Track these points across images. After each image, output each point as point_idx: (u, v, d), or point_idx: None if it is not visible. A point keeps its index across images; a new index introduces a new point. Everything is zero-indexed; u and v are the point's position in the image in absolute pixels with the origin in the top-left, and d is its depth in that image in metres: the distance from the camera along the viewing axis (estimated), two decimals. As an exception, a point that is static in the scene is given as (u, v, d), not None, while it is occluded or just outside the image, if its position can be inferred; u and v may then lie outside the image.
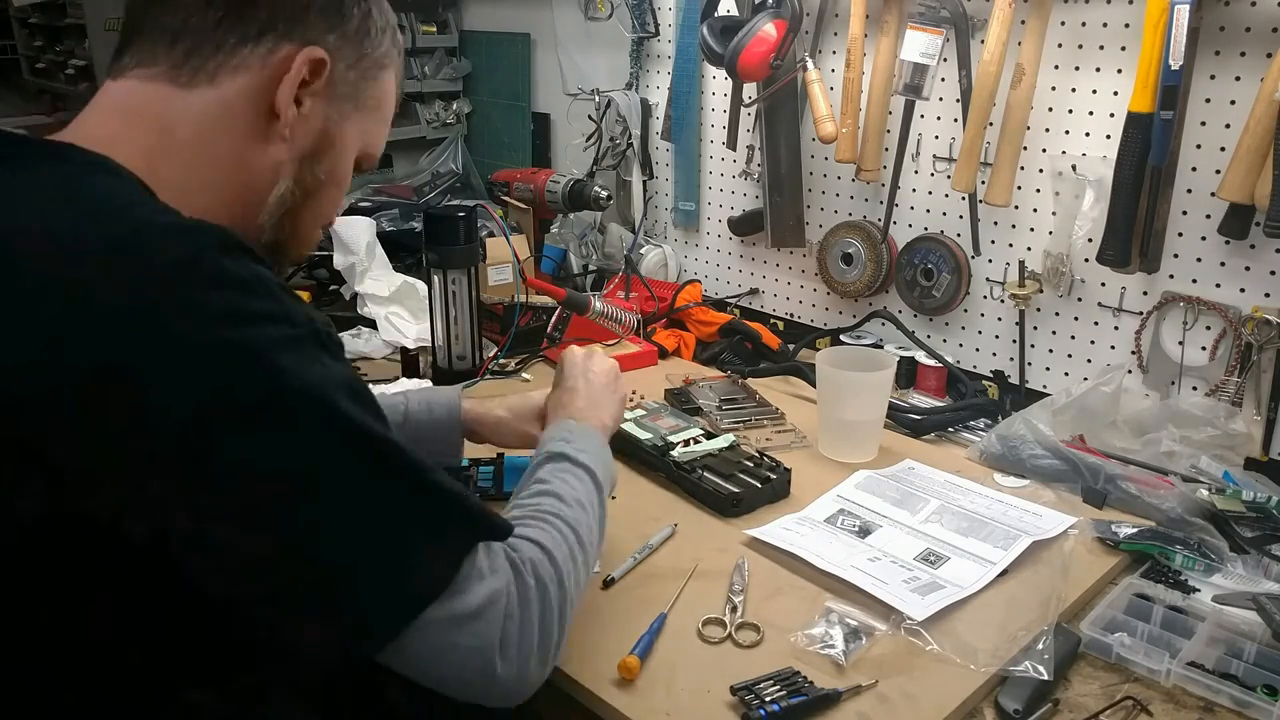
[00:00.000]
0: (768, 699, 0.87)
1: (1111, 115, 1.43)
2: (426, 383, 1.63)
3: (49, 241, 0.65)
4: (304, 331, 0.69)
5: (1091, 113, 1.46)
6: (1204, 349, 1.39)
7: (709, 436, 1.37)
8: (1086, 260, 1.46)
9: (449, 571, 0.73)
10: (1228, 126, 1.32)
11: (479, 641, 0.73)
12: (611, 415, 1.10)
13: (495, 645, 0.74)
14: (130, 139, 0.76)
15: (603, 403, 1.10)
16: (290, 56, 0.80)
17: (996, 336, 1.65)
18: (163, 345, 0.63)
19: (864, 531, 1.17)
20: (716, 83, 1.97)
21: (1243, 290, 1.36)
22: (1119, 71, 1.42)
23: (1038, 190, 1.54)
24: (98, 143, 0.74)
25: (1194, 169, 1.36)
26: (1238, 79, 1.31)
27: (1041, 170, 1.53)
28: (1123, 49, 1.41)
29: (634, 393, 1.59)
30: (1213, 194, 1.32)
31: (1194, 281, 1.40)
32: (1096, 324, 1.52)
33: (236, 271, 0.67)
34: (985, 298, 1.65)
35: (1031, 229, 1.57)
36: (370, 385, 0.75)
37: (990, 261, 1.62)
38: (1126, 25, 1.40)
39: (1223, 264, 1.37)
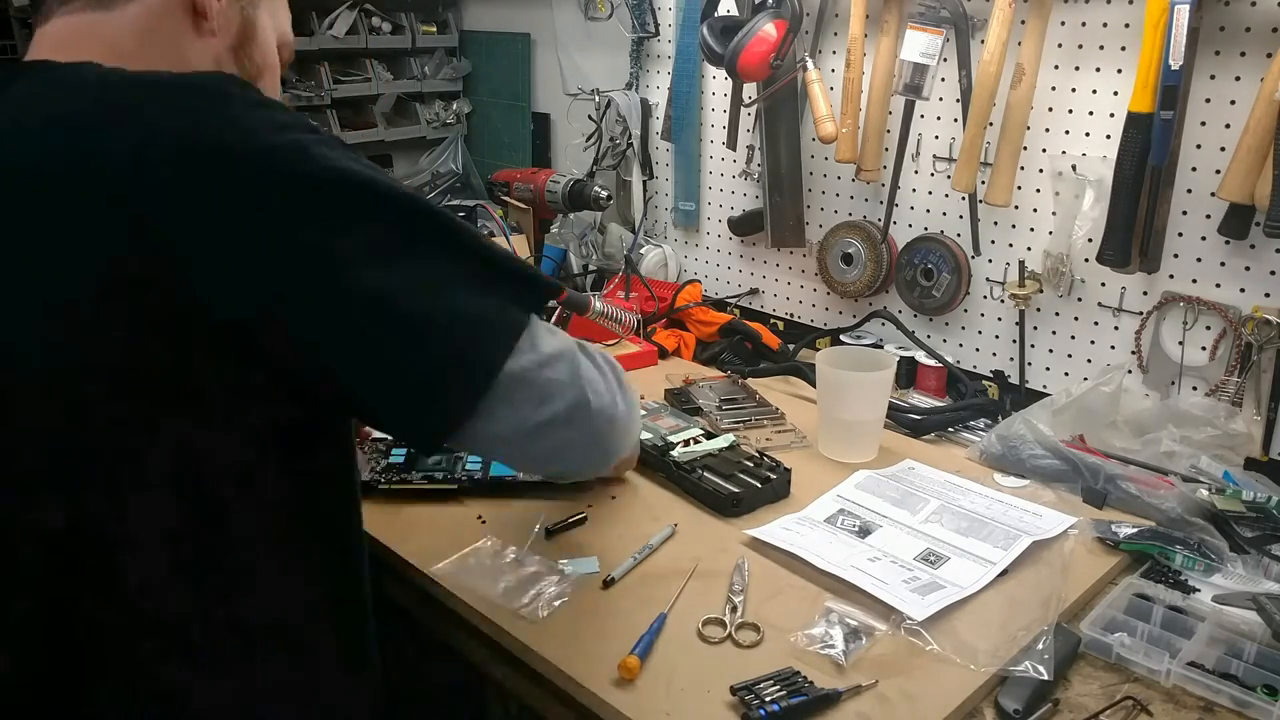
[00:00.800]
0: (768, 699, 0.87)
1: (1111, 115, 1.43)
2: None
3: (94, 106, 0.72)
4: (329, 136, 0.75)
5: (1091, 113, 1.46)
6: (1204, 349, 1.39)
7: (709, 436, 1.37)
8: (1086, 260, 1.46)
9: (523, 318, 0.79)
10: (1228, 126, 1.32)
11: (566, 375, 0.80)
12: None
13: (581, 379, 0.81)
14: (86, 58, 0.80)
15: None
16: None
17: (996, 336, 1.65)
18: (228, 157, 0.69)
19: (864, 531, 1.17)
20: (716, 83, 1.97)
21: (1243, 290, 1.35)
22: (1119, 71, 1.42)
23: (1038, 190, 1.54)
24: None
25: (1194, 169, 1.36)
26: (1238, 79, 1.31)
27: (1041, 170, 1.53)
28: (1123, 49, 1.41)
29: (634, 393, 1.59)
30: (1213, 194, 1.32)
31: (1194, 281, 1.40)
32: (1096, 324, 1.52)
33: (254, 95, 0.75)
34: (985, 298, 1.65)
35: (1031, 229, 1.57)
36: None
37: (990, 261, 1.62)
38: (1126, 25, 1.40)
39: (1223, 264, 1.37)
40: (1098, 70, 1.44)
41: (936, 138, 1.65)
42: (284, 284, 0.71)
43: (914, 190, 1.70)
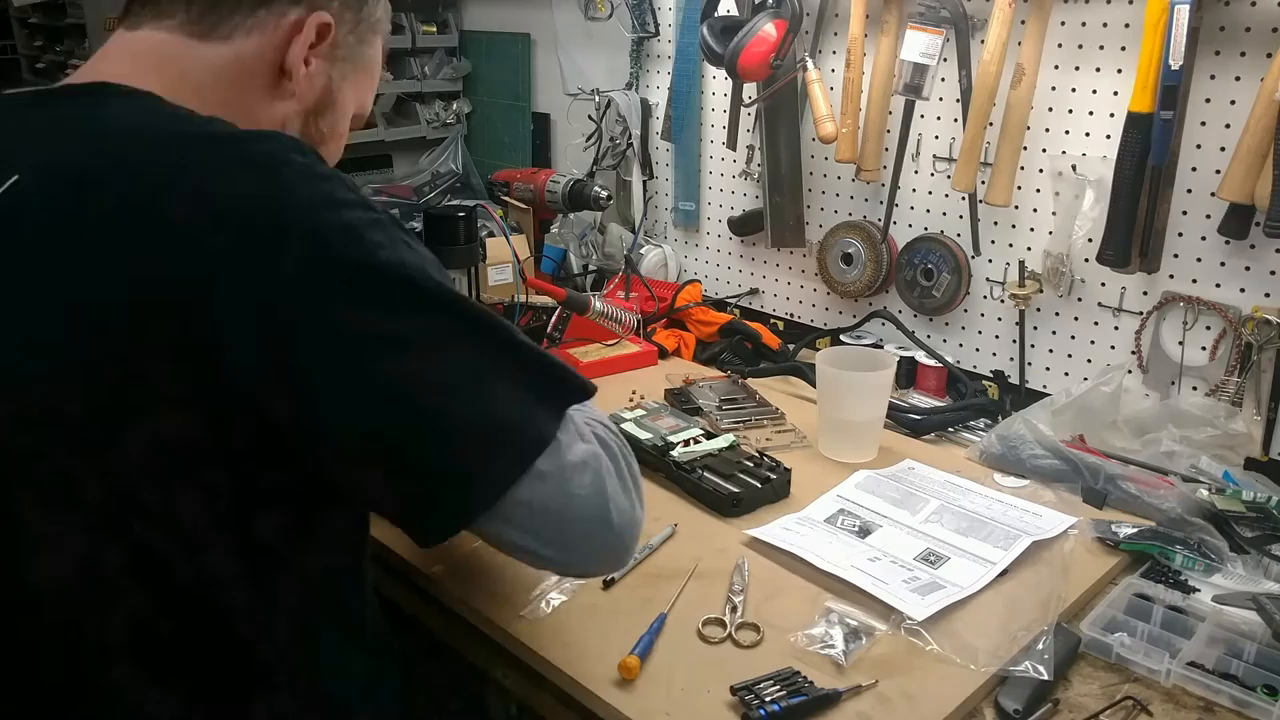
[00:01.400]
0: (768, 699, 0.87)
1: (1111, 115, 1.43)
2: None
3: (148, 146, 0.71)
4: (384, 217, 0.74)
5: (1091, 113, 1.46)
6: (1204, 349, 1.39)
7: (709, 436, 1.37)
8: (1086, 260, 1.46)
9: (553, 425, 0.77)
10: (1228, 126, 1.32)
11: (589, 489, 0.78)
12: None
13: (604, 491, 0.80)
14: (146, 79, 0.79)
15: None
16: (301, 20, 0.85)
17: (996, 336, 1.65)
18: (271, 231, 0.68)
19: (864, 531, 1.17)
20: (716, 83, 1.97)
21: (1243, 290, 1.35)
22: (1119, 71, 1.42)
23: (1038, 190, 1.54)
24: (124, 81, 0.78)
25: (1194, 169, 1.36)
26: (1238, 79, 1.31)
27: (1041, 170, 1.53)
28: (1123, 49, 1.41)
29: (634, 393, 1.59)
30: (1213, 194, 1.32)
31: (1194, 281, 1.40)
32: (1096, 324, 1.52)
33: (316, 167, 0.73)
34: (985, 298, 1.65)
35: (1031, 229, 1.57)
36: None
37: (990, 261, 1.62)
38: (1126, 25, 1.40)
39: (1223, 264, 1.37)
40: (1098, 70, 1.44)
41: (936, 138, 1.65)
42: (310, 362, 0.68)
43: (914, 190, 1.70)
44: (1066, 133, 1.49)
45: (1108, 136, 1.44)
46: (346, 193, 0.72)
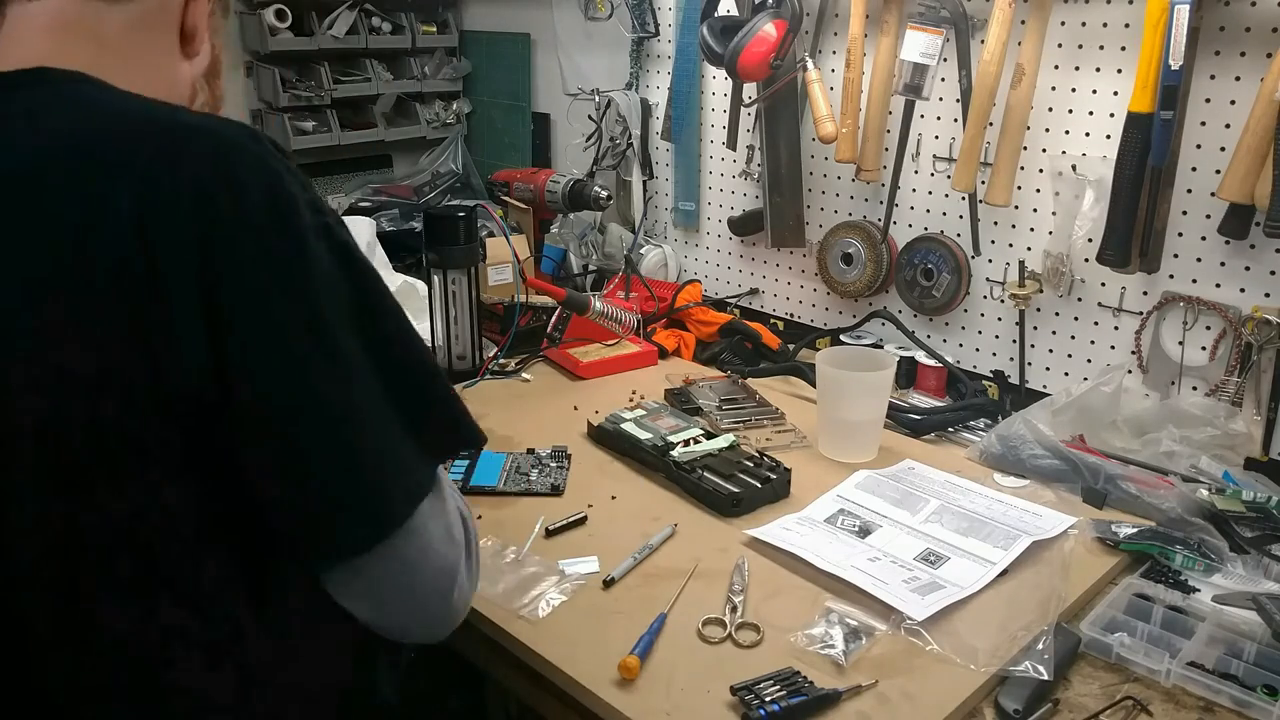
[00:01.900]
0: (768, 699, 0.87)
1: (1111, 115, 1.43)
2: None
3: (100, 141, 0.69)
4: (330, 219, 0.74)
5: (1091, 113, 1.46)
6: (1204, 349, 1.39)
7: (709, 436, 1.37)
8: (1086, 260, 1.46)
9: (433, 473, 0.76)
10: (1228, 126, 1.32)
11: (452, 552, 0.77)
12: None
13: (462, 558, 0.78)
14: (69, 55, 0.76)
15: None
16: None
17: (996, 336, 1.65)
18: (225, 227, 0.67)
19: (864, 531, 1.17)
20: (716, 83, 1.97)
21: (1243, 290, 1.36)
22: (1119, 71, 1.42)
23: (1038, 190, 1.54)
24: (38, 60, 0.75)
25: (1194, 169, 1.36)
26: (1238, 79, 1.31)
27: (1041, 170, 1.53)
28: (1123, 49, 1.41)
29: (634, 393, 1.59)
30: (1213, 194, 1.32)
31: (1194, 281, 1.40)
32: (1096, 324, 1.52)
33: (269, 158, 0.72)
34: (985, 298, 1.65)
35: (1031, 229, 1.57)
36: None
37: (990, 261, 1.62)
38: (1126, 25, 1.40)
39: (1223, 264, 1.37)
40: (1098, 70, 1.44)
41: (936, 138, 1.65)
42: (244, 351, 0.68)
43: (914, 190, 1.70)
44: (1066, 133, 1.49)
45: (1108, 136, 1.44)
46: (296, 189, 0.72)
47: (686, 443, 1.34)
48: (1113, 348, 1.51)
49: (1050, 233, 1.52)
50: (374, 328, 0.74)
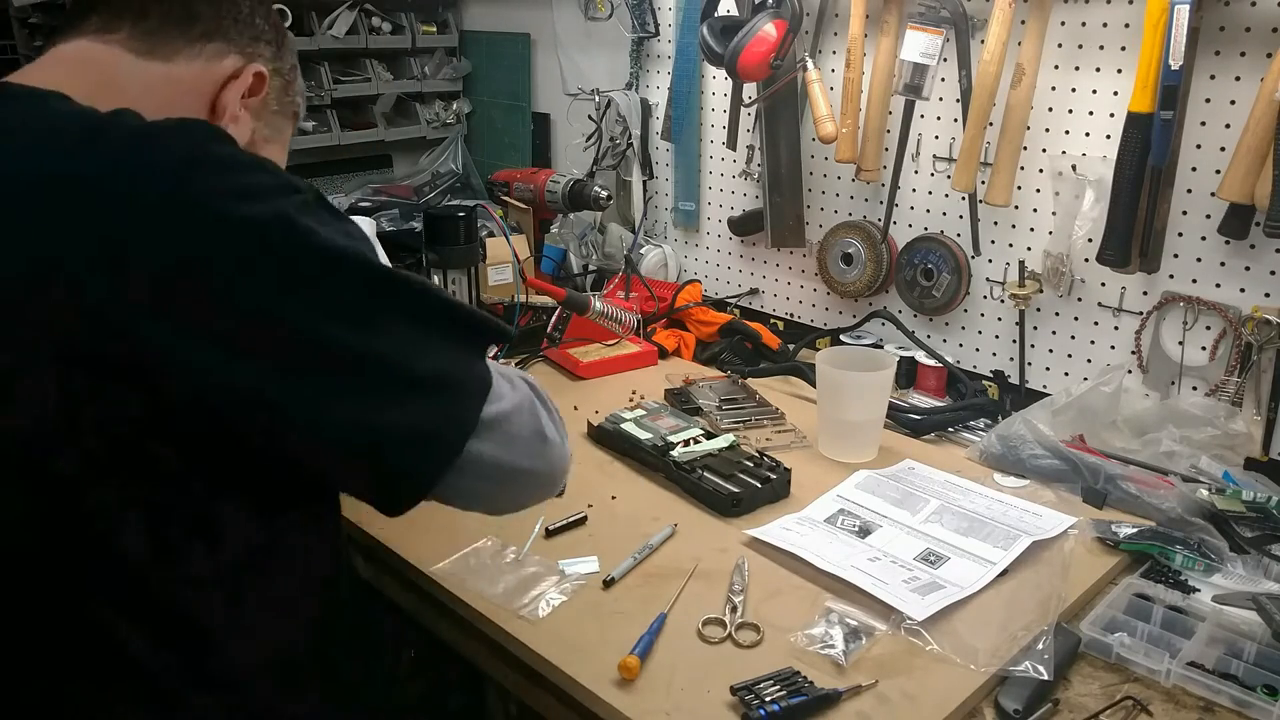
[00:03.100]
0: (768, 699, 0.87)
1: (1111, 115, 1.43)
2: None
3: (51, 155, 0.69)
4: (310, 197, 0.73)
5: (1091, 113, 1.46)
6: (1204, 349, 1.39)
7: (709, 436, 1.37)
8: (1086, 260, 1.46)
9: (487, 373, 0.78)
10: (1228, 126, 1.32)
11: (528, 430, 0.80)
12: None
13: (541, 431, 0.81)
14: (73, 86, 0.77)
15: None
16: (240, 68, 0.87)
17: (996, 336, 1.65)
18: (195, 232, 0.66)
19: (864, 531, 1.17)
20: (716, 83, 1.97)
21: (1243, 290, 1.35)
22: (1119, 71, 1.42)
23: (1038, 190, 1.54)
24: (42, 84, 0.77)
25: (1194, 169, 1.36)
26: (1238, 79, 1.31)
27: (1041, 170, 1.53)
28: (1123, 49, 1.41)
29: (634, 393, 1.59)
30: (1213, 194, 1.32)
31: (1194, 281, 1.40)
32: (1096, 324, 1.52)
33: (237, 155, 0.72)
34: (985, 298, 1.65)
35: (1031, 229, 1.57)
36: None
37: (990, 261, 1.62)
38: (1126, 25, 1.40)
39: (1223, 264, 1.37)
40: (1098, 70, 1.44)
41: (936, 138, 1.65)
42: (262, 358, 0.68)
43: (914, 190, 1.70)
44: (1066, 133, 1.49)
45: (1108, 136, 1.44)
46: (270, 178, 0.71)
47: (686, 443, 1.34)
48: (1113, 348, 1.51)
49: (1050, 233, 1.52)
50: (374, 280, 0.73)
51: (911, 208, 1.71)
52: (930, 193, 1.68)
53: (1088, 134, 1.47)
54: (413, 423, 0.73)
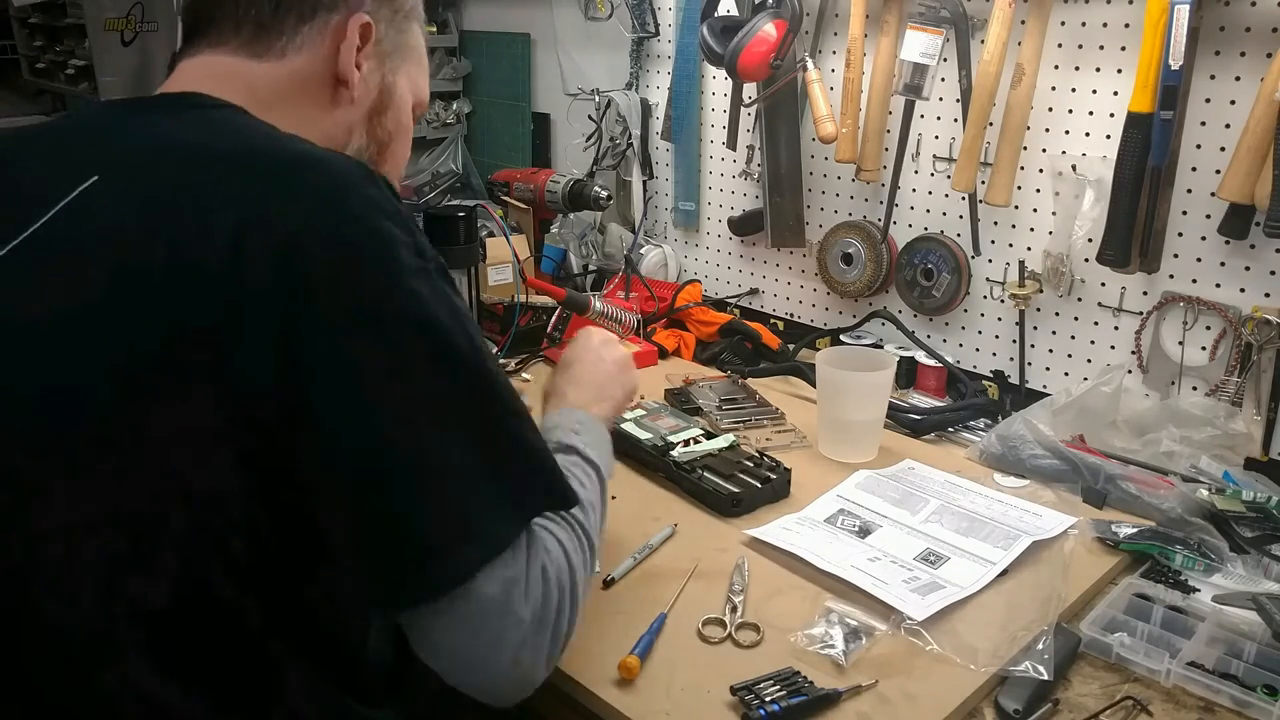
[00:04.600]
0: (768, 699, 0.87)
1: (1111, 115, 1.43)
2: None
3: (223, 160, 0.73)
4: (433, 265, 0.74)
5: (1091, 113, 1.46)
6: (1204, 349, 1.39)
7: (709, 436, 1.37)
8: (1086, 260, 1.46)
9: (517, 532, 0.74)
10: (1228, 126, 1.32)
11: (517, 614, 0.73)
12: (615, 407, 1.09)
13: (532, 620, 0.73)
14: (226, 94, 0.82)
15: (610, 393, 1.08)
16: (342, 24, 0.87)
17: (996, 336, 1.65)
18: (322, 259, 0.68)
19: (864, 531, 1.17)
20: (716, 83, 1.97)
21: (1243, 290, 1.35)
22: (1119, 71, 1.42)
23: (1038, 190, 1.54)
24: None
25: (1194, 169, 1.36)
26: (1238, 79, 1.31)
27: (1041, 170, 1.53)
28: (1123, 49, 1.41)
29: (634, 393, 1.59)
30: (1213, 194, 1.32)
31: (1194, 281, 1.40)
32: (1096, 324, 1.52)
33: (380, 200, 0.73)
34: (985, 298, 1.65)
35: (1031, 229, 1.57)
36: None
37: (990, 261, 1.62)
38: (1126, 25, 1.40)
39: (1223, 264, 1.37)
40: (1098, 70, 1.44)
41: (936, 138, 1.65)
42: (321, 401, 0.68)
43: (914, 190, 1.70)
44: (1066, 133, 1.49)
45: (1108, 136, 1.44)
46: (400, 231, 0.72)
47: (686, 443, 1.34)
48: (1113, 348, 1.51)
49: (1050, 233, 1.52)
50: (463, 377, 0.72)
51: (911, 208, 1.71)
52: (930, 193, 1.68)
53: (1088, 134, 1.47)
54: (423, 531, 0.70)
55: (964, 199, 1.61)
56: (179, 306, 0.68)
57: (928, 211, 1.69)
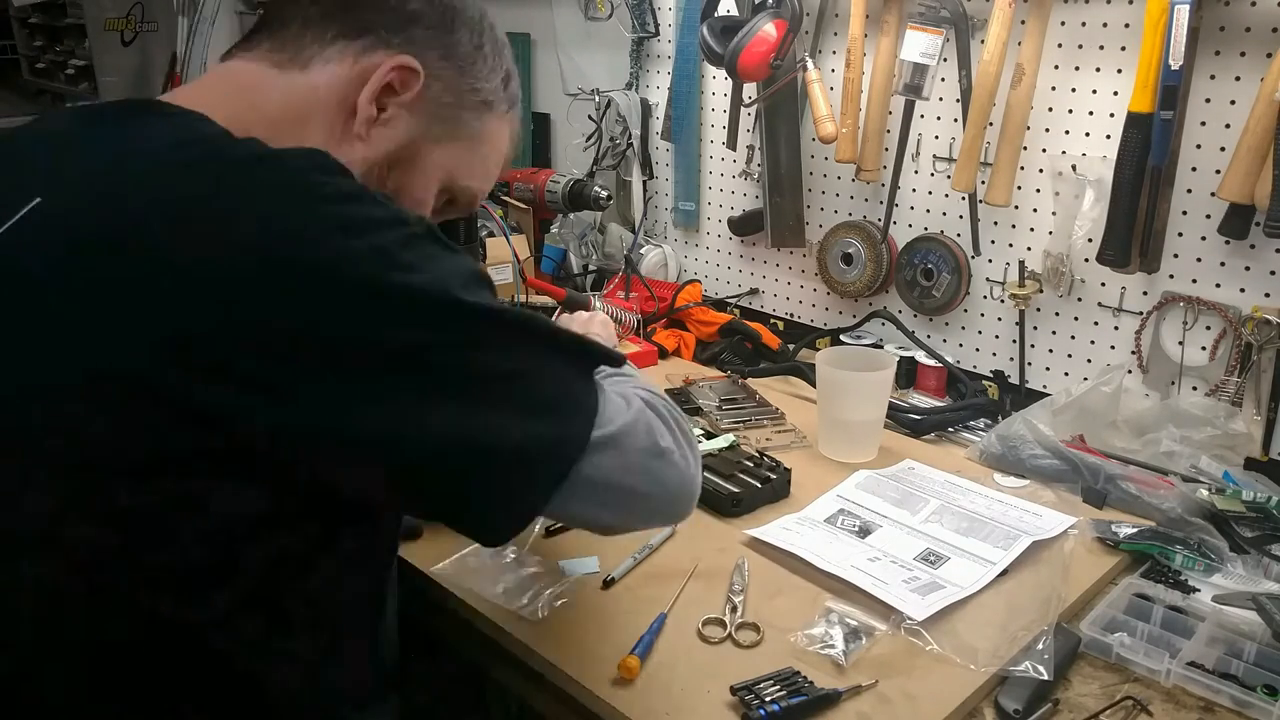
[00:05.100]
0: (768, 699, 0.87)
1: (1111, 115, 1.43)
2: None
3: (169, 171, 0.70)
4: (420, 229, 0.71)
5: (1091, 113, 1.46)
6: (1204, 349, 1.39)
7: (709, 436, 1.37)
8: (1086, 260, 1.46)
9: (595, 397, 0.77)
10: (1228, 126, 1.32)
11: (643, 454, 0.78)
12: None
13: (660, 452, 0.79)
14: (219, 105, 0.78)
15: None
16: (378, 62, 0.82)
17: (996, 336, 1.65)
18: (297, 265, 0.65)
19: (864, 531, 1.17)
20: (716, 83, 1.97)
21: (1243, 290, 1.35)
22: (1119, 71, 1.42)
23: (1038, 190, 1.54)
24: (189, 105, 0.78)
25: (1194, 169, 1.36)
26: (1238, 79, 1.30)
27: (1041, 170, 1.53)
28: (1123, 49, 1.41)
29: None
30: (1213, 194, 1.32)
31: (1194, 281, 1.40)
32: (1096, 324, 1.52)
33: (344, 186, 0.70)
34: (985, 298, 1.65)
35: (1031, 229, 1.57)
36: None
37: (990, 261, 1.62)
38: (1126, 25, 1.40)
39: (1223, 264, 1.37)
40: (1098, 70, 1.44)
41: (936, 138, 1.65)
42: (356, 391, 0.66)
43: (914, 190, 1.70)
44: (1066, 133, 1.49)
45: (1108, 136, 1.44)
46: (376, 210, 0.70)
47: (686, 443, 1.34)
48: (1113, 348, 1.51)
49: (1050, 233, 1.52)
50: (484, 312, 0.71)
51: (911, 208, 1.71)
52: (930, 193, 1.68)
53: (1088, 134, 1.47)
54: (518, 445, 0.71)
55: (964, 199, 1.61)
56: (104, 351, 0.65)
57: (928, 211, 1.69)
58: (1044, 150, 1.52)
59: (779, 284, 1.97)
